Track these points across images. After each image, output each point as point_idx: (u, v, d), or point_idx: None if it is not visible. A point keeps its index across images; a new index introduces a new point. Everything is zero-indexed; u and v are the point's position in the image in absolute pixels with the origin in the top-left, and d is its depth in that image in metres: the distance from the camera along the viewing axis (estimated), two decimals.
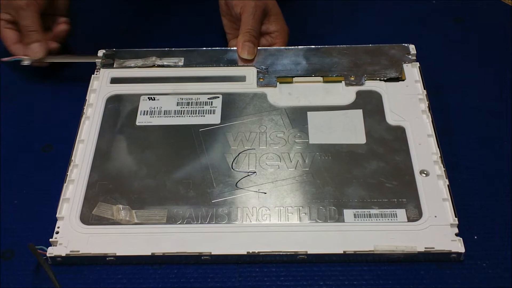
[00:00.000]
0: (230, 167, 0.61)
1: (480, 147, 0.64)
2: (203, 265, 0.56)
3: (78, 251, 0.55)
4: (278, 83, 0.68)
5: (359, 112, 0.65)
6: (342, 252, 0.55)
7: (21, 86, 0.72)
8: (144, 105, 0.66)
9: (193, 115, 0.65)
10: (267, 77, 0.68)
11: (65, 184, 0.60)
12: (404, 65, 0.68)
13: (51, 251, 0.55)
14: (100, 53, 0.72)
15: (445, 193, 0.58)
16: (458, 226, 0.55)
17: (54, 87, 0.73)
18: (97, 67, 0.71)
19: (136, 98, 0.67)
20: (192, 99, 0.67)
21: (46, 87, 0.73)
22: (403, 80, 0.67)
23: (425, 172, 0.59)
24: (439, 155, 0.60)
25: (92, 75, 0.70)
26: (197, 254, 0.55)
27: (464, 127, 0.66)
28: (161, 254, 0.55)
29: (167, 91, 0.68)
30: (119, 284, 0.55)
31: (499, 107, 0.68)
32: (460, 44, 0.76)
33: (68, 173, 0.60)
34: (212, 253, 0.55)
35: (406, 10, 0.82)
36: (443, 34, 0.78)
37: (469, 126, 0.66)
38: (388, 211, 0.57)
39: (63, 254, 0.55)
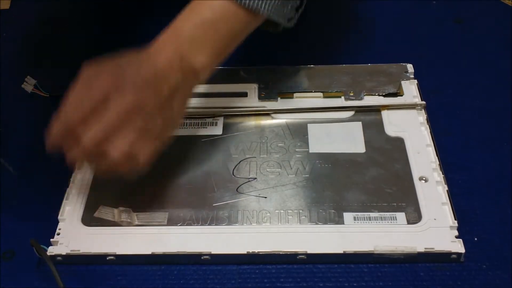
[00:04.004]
0: (231, 173, 0.62)
1: (480, 147, 0.65)
2: (203, 266, 0.56)
3: (79, 250, 0.56)
4: (279, 98, 0.69)
5: (359, 124, 0.66)
6: (342, 252, 0.55)
7: (25, 91, 0.73)
8: None
9: (196, 127, 0.66)
10: (268, 92, 0.70)
11: (67, 188, 0.60)
12: (402, 82, 0.70)
13: (52, 250, 0.56)
14: None
15: (444, 198, 0.58)
16: (458, 228, 0.56)
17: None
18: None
19: None
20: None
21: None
22: (402, 96, 0.68)
23: (424, 178, 0.60)
24: (438, 163, 0.61)
25: None
26: (197, 253, 0.55)
27: (464, 128, 0.67)
28: (161, 253, 0.55)
29: None
30: (118, 285, 0.55)
31: (499, 107, 0.69)
32: (460, 45, 0.78)
33: (72, 178, 0.61)
34: (212, 253, 0.55)
35: (406, 10, 0.84)
36: (443, 35, 0.79)
37: (469, 126, 0.67)
38: (387, 214, 0.57)
39: (64, 253, 0.55)
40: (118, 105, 0.51)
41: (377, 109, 0.67)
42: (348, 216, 0.57)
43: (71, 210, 0.59)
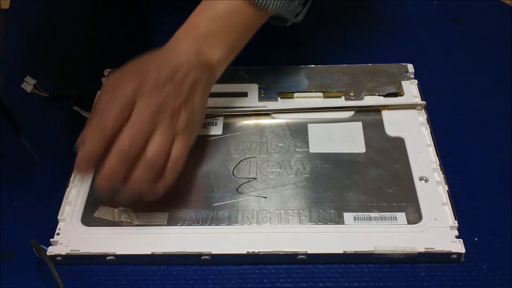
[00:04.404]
0: (231, 173, 0.62)
1: (480, 148, 0.65)
2: (203, 266, 0.56)
3: (78, 251, 0.56)
4: (279, 98, 0.69)
5: (359, 124, 0.66)
6: (342, 252, 0.55)
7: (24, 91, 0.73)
8: None
9: None
10: (268, 92, 0.70)
11: (67, 188, 0.60)
12: (403, 82, 0.70)
13: (51, 250, 0.56)
14: (106, 72, 0.74)
15: (445, 198, 0.58)
16: (458, 229, 0.55)
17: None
18: (102, 84, 0.72)
19: None
20: None
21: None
22: (402, 96, 0.68)
23: (424, 178, 0.60)
24: (438, 163, 0.61)
25: (98, 91, 0.71)
26: (197, 253, 0.55)
27: (464, 128, 0.67)
28: (161, 253, 0.55)
29: None
30: (118, 285, 0.55)
31: (499, 108, 0.69)
32: (460, 45, 0.78)
33: (71, 178, 0.61)
34: (212, 253, 0.55)
35: (406, 10, 0.84)
36: (443, 35, 0.79)
37: (469, 127, 0.67)
38: (388, 214, 0.57)
39: (63, 253, 0.55)
40: (145, 107, 0.53)
41: (377, 109, 0.67)
42: (348, 216, 0.57)
43: (71, 210, 0.59)
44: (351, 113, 0.67)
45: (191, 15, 0.60)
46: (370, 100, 0.68)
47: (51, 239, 0.56)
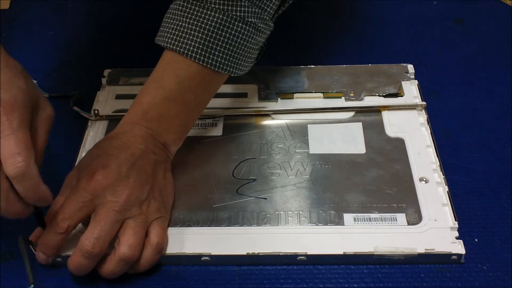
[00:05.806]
0: (231, 174, 0.62)
1: (480, 148, 0.65)
2: (203, 267, 0.56)
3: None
4: (279, 98, 0.69)
5: (359, 124, 0.66)
6: (342, 253, 0.55)
7: None
8: None
9: (196, 128, 0.66)
10: (268, 93, 0.70)
11: None
12: (403, 83, 0.69)
13: None
14: (106, 72, 0.74)
15: (445, 199, 0.58)
16: (458, 230, 0.55)
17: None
18: (102, 85, 0.72)
19: None
20: None
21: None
22: (402, 96, 0.68)
23: (424, 179, 0.60)
24: (438, 164, 0.61)
25: (98, 92, 0.71)
26: (197, 254, 0.55)
27: (464, 128, 0.67)
28: (161, 254, 0.55)
29: None
30: (118, 285, 0.55)
31: (499, 108, 0.69)
32: (460, 45, 0.78)
33: None
34: (212, 254, 0.55)
35: (406, 11, 0.84)
36: (443, 35, 0.80)
37: (469, 127, 0.67)
38: (388, 215, 0.57)
39: (63, 254, 0.55)
40: (112, 205, 0.53)
41: (377, 110, 0.67)
42: (348, 217, 0.57)
43: None
44: (351, 113, 0.67)
45: (142, 90, 0.58)
46: (370, 101, 0.68)
47: None
